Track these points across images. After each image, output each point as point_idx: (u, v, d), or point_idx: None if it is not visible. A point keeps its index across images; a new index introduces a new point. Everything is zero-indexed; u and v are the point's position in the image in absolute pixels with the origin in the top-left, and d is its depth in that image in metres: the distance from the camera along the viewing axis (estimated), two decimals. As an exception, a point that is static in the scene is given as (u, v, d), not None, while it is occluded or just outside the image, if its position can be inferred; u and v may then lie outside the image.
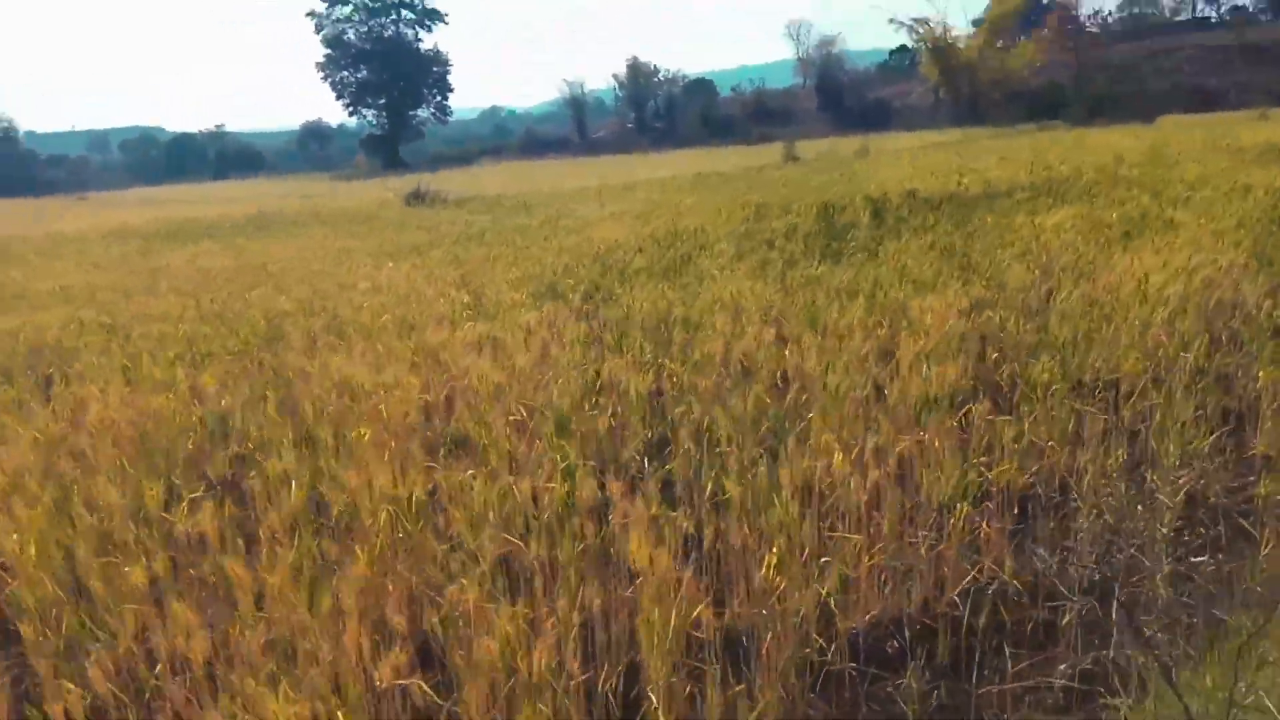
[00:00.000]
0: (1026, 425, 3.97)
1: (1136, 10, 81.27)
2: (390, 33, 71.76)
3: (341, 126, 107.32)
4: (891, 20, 55.19)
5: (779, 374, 5.11)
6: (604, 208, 17.93)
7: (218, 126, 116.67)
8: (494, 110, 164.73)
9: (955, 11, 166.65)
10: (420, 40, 73.28)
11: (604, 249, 11.19)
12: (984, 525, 3.38)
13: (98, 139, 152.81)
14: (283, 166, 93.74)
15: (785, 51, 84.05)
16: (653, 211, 15.64)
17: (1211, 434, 4.03)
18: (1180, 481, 3.61)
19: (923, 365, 4.65)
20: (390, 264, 11.59)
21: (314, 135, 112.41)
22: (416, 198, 26.12)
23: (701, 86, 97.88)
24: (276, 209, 27.08)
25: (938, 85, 56.85)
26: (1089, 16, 77.91)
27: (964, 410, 4.16)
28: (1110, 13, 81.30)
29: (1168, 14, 77.84)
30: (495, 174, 46.66)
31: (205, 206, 34.76)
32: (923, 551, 3.33)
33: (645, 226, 13.26)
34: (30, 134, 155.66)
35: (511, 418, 4.54)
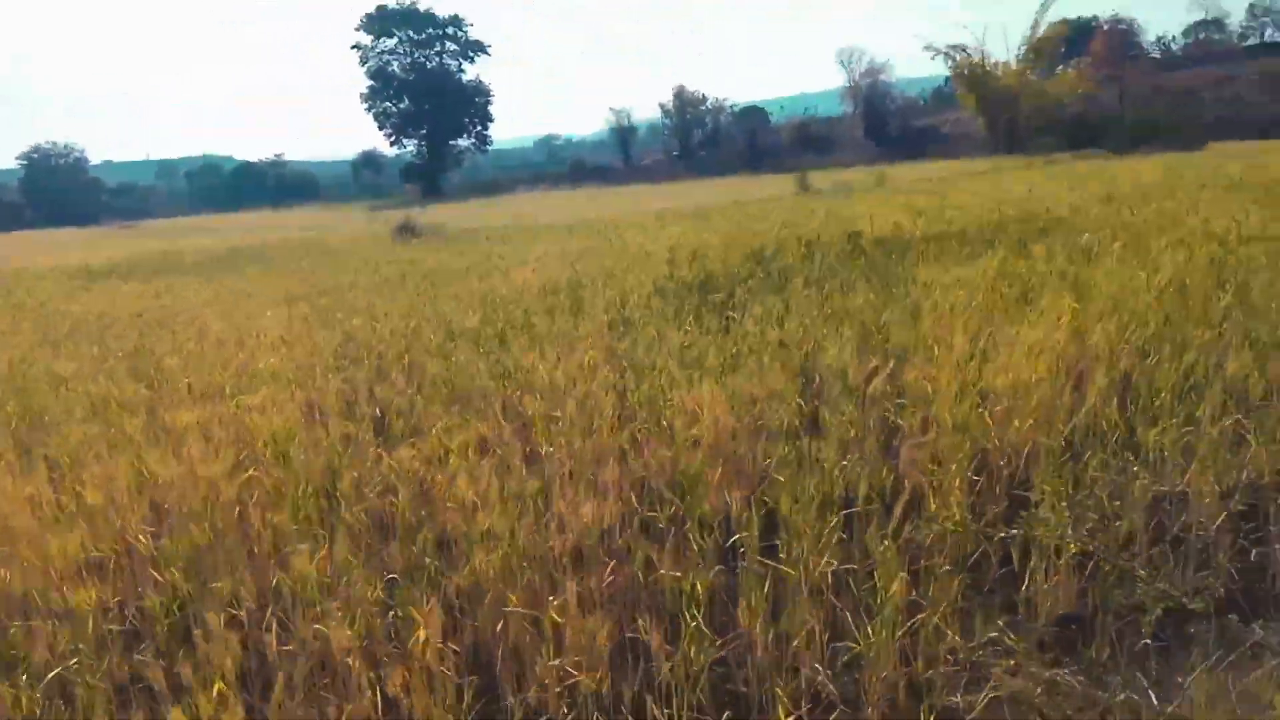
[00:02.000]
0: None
1: (1203, 35, 78.14)
2: (434, 65, 72.48)
3: (399, 155, 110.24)
4: (927, 48, 53.44)
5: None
6: (568, 243, 17.01)
7: (277, 155, 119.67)
8: (549, 138, 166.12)
9: (997, 38, 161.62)
10: (463, 72, 73.93)
11: (505, 295, 10.31)
12: None
13: (166, 167, 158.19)
14: (338, 194, 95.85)
15: (842, 79, 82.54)
16: (599, 250, 14.64)
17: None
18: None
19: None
20: (269, 312, 10.77)
21: (368, 164, 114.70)
22: (406, 231, 25.46)
23: (753, 114, 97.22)
24: (261, 243, 26.78)
25: (976, 113, 54.78)
26: (1152, 42, 75.22)
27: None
28: (1174, 38, 78.33)
29: (1235, 39, 74.58)
30: (514, 203, 46.26)
31: (214, 237, 34.90)
32: None
33: (573, 267, 12.32)
34: (107, 163, 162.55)
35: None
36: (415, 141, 73.84)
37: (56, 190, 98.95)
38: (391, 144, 74.71)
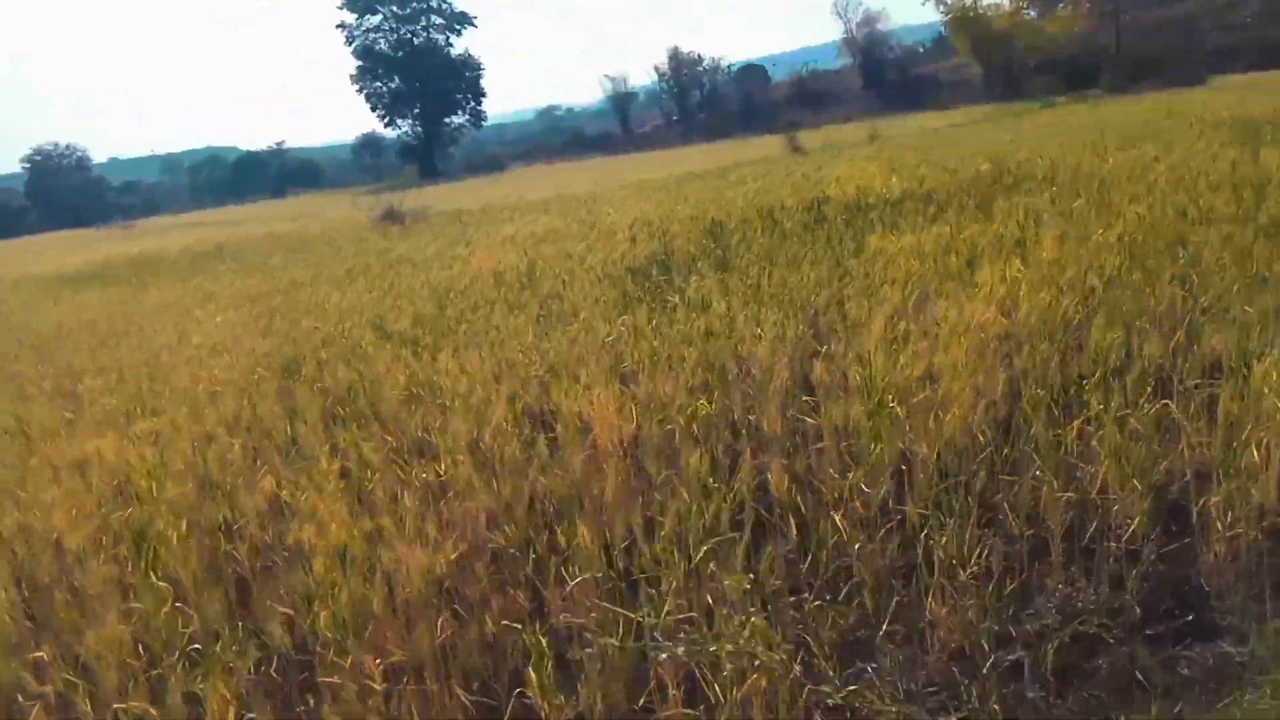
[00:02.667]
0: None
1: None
2: (421, 40, 71.45)
3: (398, 136, 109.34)
4: None
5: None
6: (543, 221, 16.59)
7: (278, 144, 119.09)
8: (550, 109, 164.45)
9: None
10: (451, 46, 72.87)
11: (459, 285, 9.98)
12: None
13: (171, 162, 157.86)
14: (340, 179, 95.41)
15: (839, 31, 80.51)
16: (566, 231, 14.23)
17: None
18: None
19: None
20: (219, 318, 10.48)
21: (368, 146, 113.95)
22: (389, 217, 24.91)
23: (753, 72, 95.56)
24: (245, 238, 26.49)
25: (970, 59, 53.39)
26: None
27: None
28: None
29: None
30: (507, 180, 45.73)
31: (205, 232, 34.65)
32: None
33: (536, 250, 11.95)
34: (113, 160, 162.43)
35: None
36: (409, 121, 73.01)
37: (60, 192, 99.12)
38: (385, 125, 74.02)
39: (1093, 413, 3.78)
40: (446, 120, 73.70)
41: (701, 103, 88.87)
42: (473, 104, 73.99)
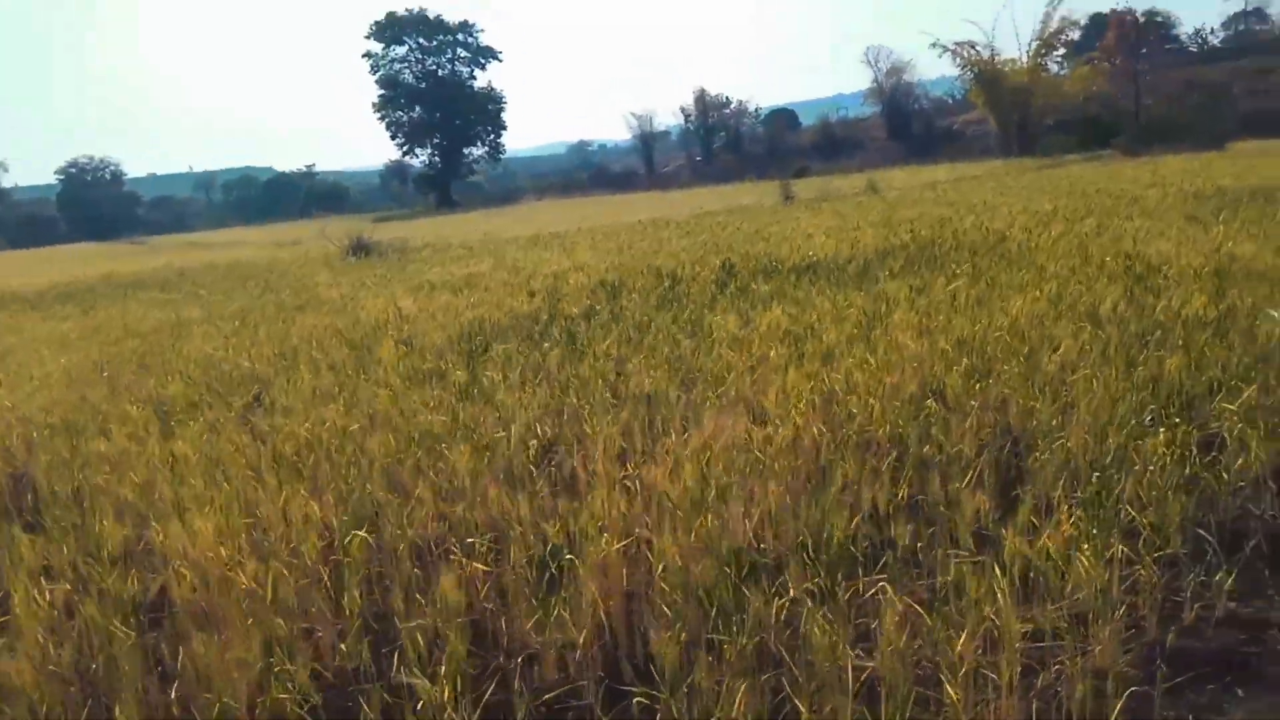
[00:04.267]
0: None
1: (1242, 27, 74.65)
2: (445, 72, 71.87)
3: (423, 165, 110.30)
4: (933, 45, 50.99)
5: None
6: (478, 265, 15.86)
7: (308, 166, 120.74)
8: (582, 144, 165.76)
9: (1008, 36, 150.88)
10: (474, 79, 73.28)
11: (317, 339, 9.18)
12: None
13: (204, 180, 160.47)
14: (366, 204, 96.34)
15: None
16: (484, 277, 13.45)
17: None
18: None
19: None
20: (62, 360, 9.75)
21: (395, 174, 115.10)
22: (358, 250, 24.34)
23: (780, 116, 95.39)
24: (211, 263, 26.10)
25: (986, 113, 52.40)
26: (1190, 35, 71.74)
27: None
28: (1212, 30, 74.82)
29: (1277, 29, 70.94)
30: (505, 215, 45.30)
31: (196, 253, 34.48)
32: None
33: (426, 301, 11.16)
34: (151, 176, 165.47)
35: None
36: (427, 151, 73.27)
37: (92, 204, 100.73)
38: (404, 153, 74.39)
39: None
40: (466, 151, 73.86)
41: (725, 144, 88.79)
42: (493, 137, 74.15)
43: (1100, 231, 9.83)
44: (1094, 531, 3.43)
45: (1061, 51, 49.13)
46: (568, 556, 3.35)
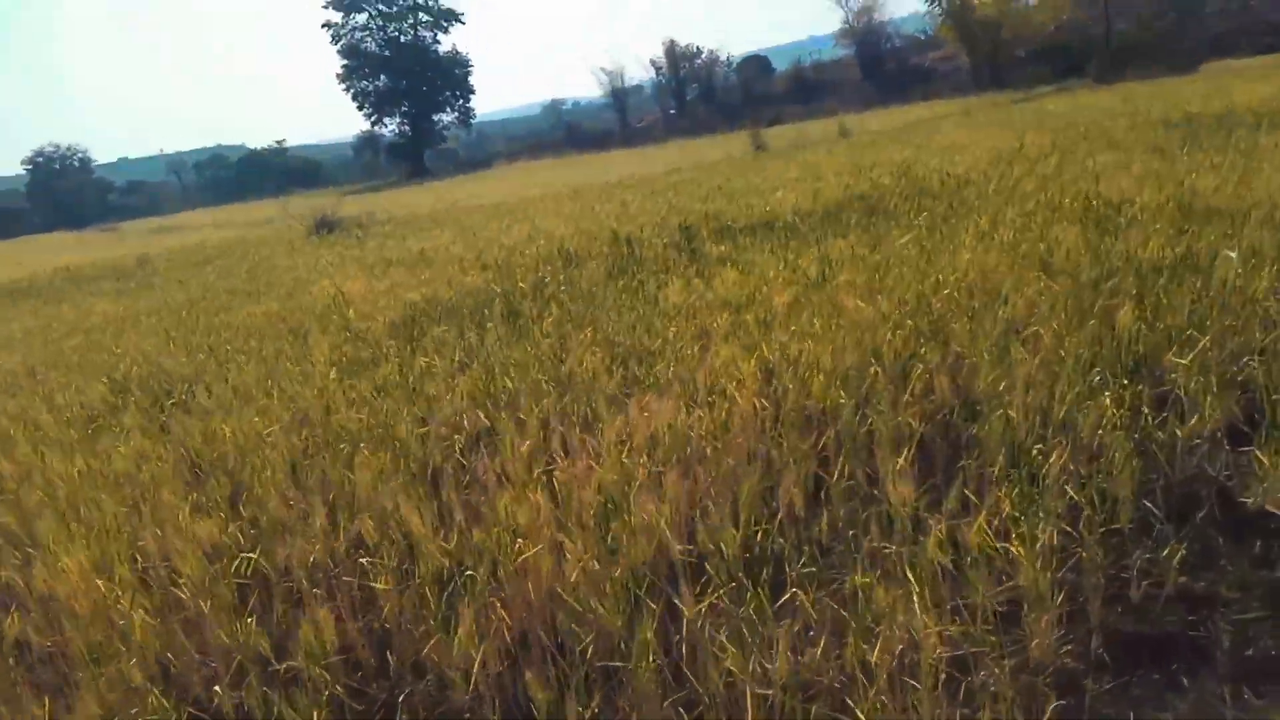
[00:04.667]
0: None
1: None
2: (408, 38, 70.26)
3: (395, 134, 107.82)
4: None
5: None
6: (438, 238, 15.46)
7: (279, 142, 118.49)
8: (556, 103, 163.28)
9: None
10: (439, 43, 71.65)
11: (261, 324, 8.86)
12: None
13: (177, 162, 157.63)
14: (341, 177, 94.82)
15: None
16: (444, 251, 13.08)
17: None
18: None
19: None
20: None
21: (367, 145, 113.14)
22: (323, 227, 23.73)
23: (754, 63, 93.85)
24: (179, 247, 25.56)
25: (957, 47, 51.47)
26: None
27: None
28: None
29: (1250, -57, 69.74)
30: (478, 181, 44.55)
31: (165, 238, 33.84)
32: None
33: (379, 280, 10.81)
34: (122, 160, 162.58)
35: None
36: (396, 120, 71.87)
37: (62, 192, 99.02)
38: (373, 124, 72.92)
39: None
40: (435, 118, 72.50)
41: (699, 95, 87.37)
42: (461, 102, 72.75)
43: (1062, 169, 9.52)
44: (1032, 511, 3.20)
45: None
46: (468, 573, 3.10)
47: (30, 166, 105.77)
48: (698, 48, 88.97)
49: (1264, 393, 3.78)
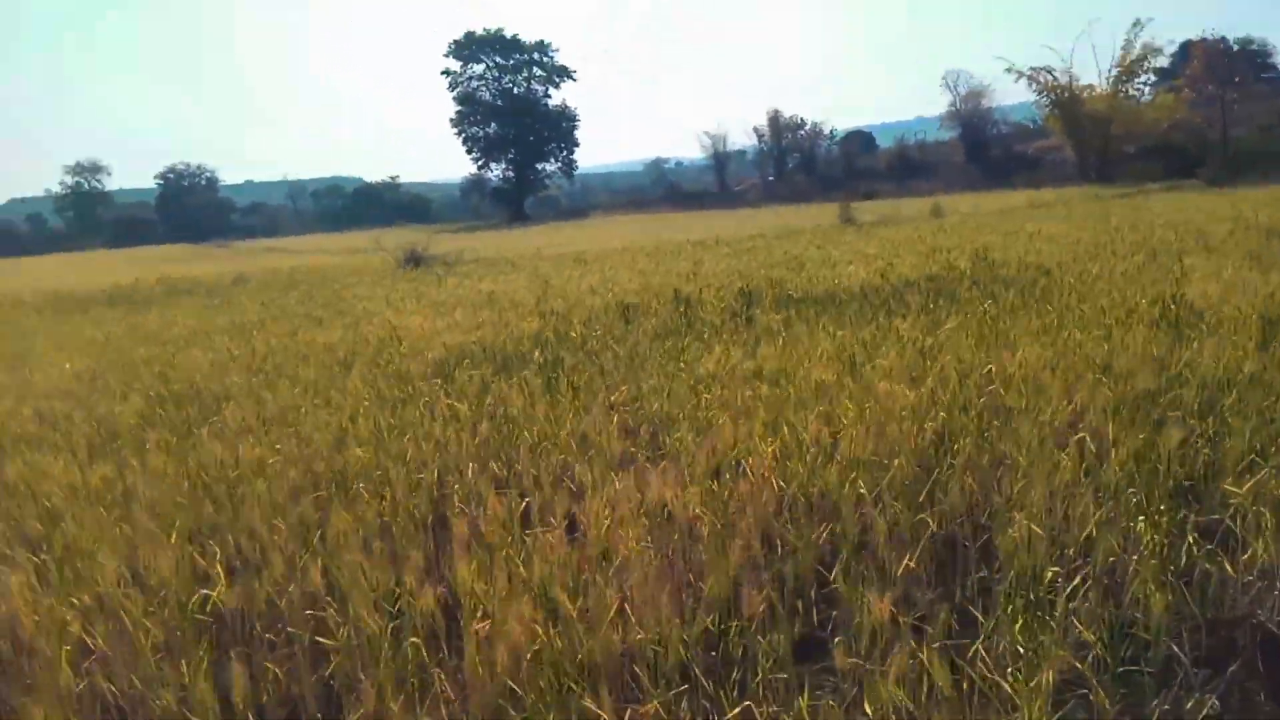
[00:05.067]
0: None
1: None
2: (520, 90, 72.69)
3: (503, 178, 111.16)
4: (1008, 70, 48.87)
5: None
6: (512, 282, 15.62)
7: (392, 178, 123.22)
8: (658, 161, 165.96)
9: (1087, 63, 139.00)
10: (549, 97, 73.90)
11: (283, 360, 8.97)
12: None
13: (297, 188, 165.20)
14: (447, 215, 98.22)
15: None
16: (508, 297, 13.17)
17: None
18: None
19: None
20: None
21: (474, 187, 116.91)
22: (411, 262, 24.52)
23: (858, 137, 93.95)
24: (275, 269, 26.54)
25: (1063, 139, 50.27)
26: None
27: None
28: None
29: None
30: (572, 230, 45.29)
31: (271, 258, 35.27)
32: None
33: (436, 320, 10.89)
34: (248, 183, 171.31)
35: None
36: (502, 165, 74.12)
37: (188, 208, 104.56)
38: (479, 168, 75.30)
39: None
40: (539, 167, 74.46)
41: (799, 165, 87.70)
42: (565, 153, 74.63)
43: (1145, 268, 9.01)
44: (1038, 642, 2.86)
45: (1144, 79, 46.97)
46: (410, 640, 2.92)
47: (161, 181, 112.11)
48: (801, 119, 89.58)
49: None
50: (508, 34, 72.10)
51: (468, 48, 71.18)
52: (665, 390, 5.67)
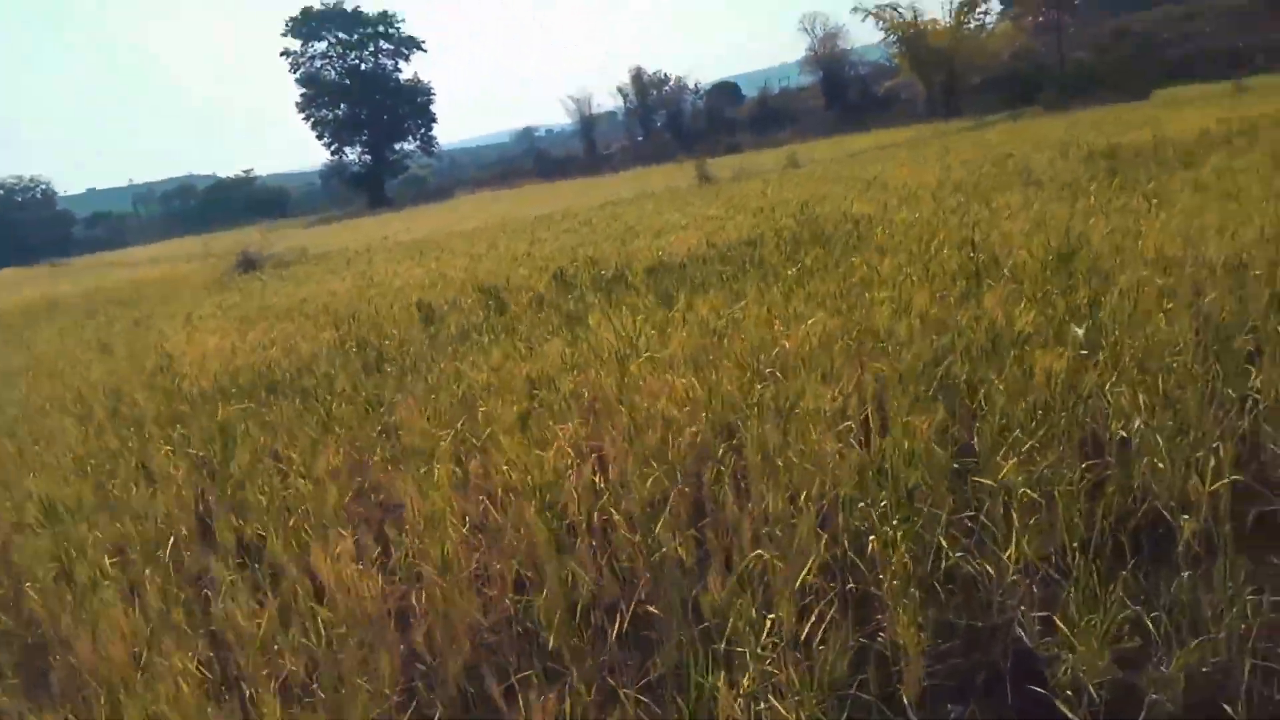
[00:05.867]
0: None
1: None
2: (368, 66, 69.37)
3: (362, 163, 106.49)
4: (855, 9, 49.32)
5: None
6: (344, 280, 14.59)
7: (246, 171, 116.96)
8: (529, 131, 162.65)
9: None
10: (399, 71, 70.81)
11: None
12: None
13: (143, 193, 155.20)
14: (307, 206, 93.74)
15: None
16: (330, 300, 12.21)
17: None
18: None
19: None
20: None
21: (334, 173, 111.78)
22: (244, 265, 22.53)
23: (724, 90, 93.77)
24: (93, 290, 24.50)
25: (912, 77, 51.18)
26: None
27: None
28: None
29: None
30: (431, 213, 43.62)
31: (105, 274, 32.74)
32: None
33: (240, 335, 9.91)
34: (90, 191, 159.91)
35: None
36: (356, 149, 70.78)
37: (21, 225, 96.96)
38: (332, 153, 71.66)
39: None
40: (396, 146, 71.53)
41: (665, 123, 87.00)
42: (423, 130, 71.83)
43: (959, 210, 8.80)
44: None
45: (985, 9, 48.08)
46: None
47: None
48: (665, 74, 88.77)
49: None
50: (348, 6, 68.43)
51: (306, 24, 67.10)
52: (429, 408, 5.01)
